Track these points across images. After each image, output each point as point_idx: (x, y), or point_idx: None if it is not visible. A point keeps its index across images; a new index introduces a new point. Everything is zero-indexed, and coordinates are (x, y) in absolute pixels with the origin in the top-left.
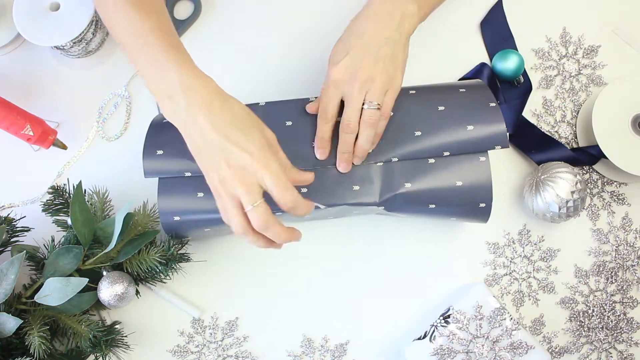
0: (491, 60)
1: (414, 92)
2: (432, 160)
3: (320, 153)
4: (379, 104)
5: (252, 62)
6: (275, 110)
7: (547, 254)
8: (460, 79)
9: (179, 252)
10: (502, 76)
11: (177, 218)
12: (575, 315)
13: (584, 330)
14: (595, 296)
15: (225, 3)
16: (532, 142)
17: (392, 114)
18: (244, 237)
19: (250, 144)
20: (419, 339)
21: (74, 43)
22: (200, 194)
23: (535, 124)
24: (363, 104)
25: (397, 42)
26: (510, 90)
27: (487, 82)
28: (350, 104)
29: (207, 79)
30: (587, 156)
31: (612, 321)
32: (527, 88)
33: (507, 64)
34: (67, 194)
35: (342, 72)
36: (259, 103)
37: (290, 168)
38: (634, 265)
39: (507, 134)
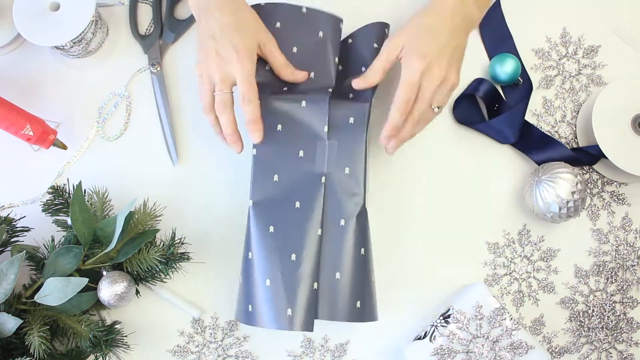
0: (490, 59)
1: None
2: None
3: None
4: (439, 107)
5: None
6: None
7: (547, 254)
8: (458, 96)
9: (179, 251)
10: (500, 81)
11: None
12: (575, 315)
13: (584, 330)
14: (595, 296)
15: None
16: (532, 142)
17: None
18: (205, 115)
19: (241, 44)
20: (419, 339)
21: (74, 43)
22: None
23: (535, 124)
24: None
25: (461, 38)
26: (512, 92)
27: (487, 96)
28: (422, 99)
29: None
30: (587, 156)
31: (612, 321)
32: (528, 88)
33: (504, 68)
34: (67, 194)
35: (425, 64)
36: None
37: (286, 67)
38: (634, 265)
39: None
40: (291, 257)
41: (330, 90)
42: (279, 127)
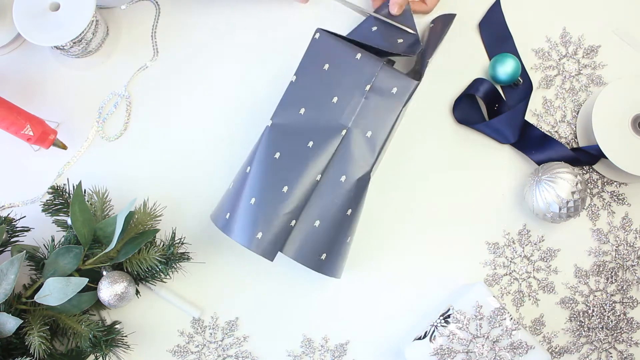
0: (490, 59)
1: None
2: None
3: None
4: None
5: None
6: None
7: (547, 254)
8: (458, 97)
9: (179, 251)
10: (500, 81)
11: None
12: (575, 315)
13: (584, 330)
14: (595, 296)
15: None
16: (532, 142)
17: None
18: None
19: None
20: (419, 339)
21: (74, 43)
22: (252, 200)
23: (535, 124)
24: None
25: None
26: (512, 92)
27: (487, 96)
28: None
29: None
30: (587, 156)
31: (612, 321)
32: (528, 88)
33: (504, 68)
34: (67, 194)
35: None
36: None
37: None
38: (634, 265)
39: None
40: (283, 189)
41: (385, 61)
42: (326, 66)
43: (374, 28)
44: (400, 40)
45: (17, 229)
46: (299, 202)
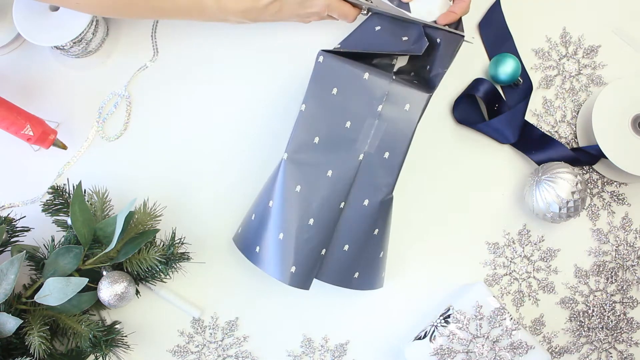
0: (490, 59)
1: None
2: None
3: None
4: None
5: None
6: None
7: (547, 254)
8: (458, 97)
9: (179, 251)
10: (500, 81)
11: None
12: (575, 315)
13: (584, 330)
14: (595, 296)
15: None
16: (532, 142)
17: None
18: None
19: None
20: (419, 339)
21: (74, 43)
22: (281, 235)
23: (535, 124)
24: None
25: None
26: (512, 92)
27: (487, 96)
28: None
29: None
30: (587, 156)
31: (612, 321)
32: (528, 88)
33: (504, 68)
34: (67, 194)
35: None
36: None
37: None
38: (634, 265)
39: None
40: (309, 221)
41: (394, 74)
42: (335, 90)
43: (378, 27)
44: (405, 38)
45: (17, 229)
46: (327, 232)
